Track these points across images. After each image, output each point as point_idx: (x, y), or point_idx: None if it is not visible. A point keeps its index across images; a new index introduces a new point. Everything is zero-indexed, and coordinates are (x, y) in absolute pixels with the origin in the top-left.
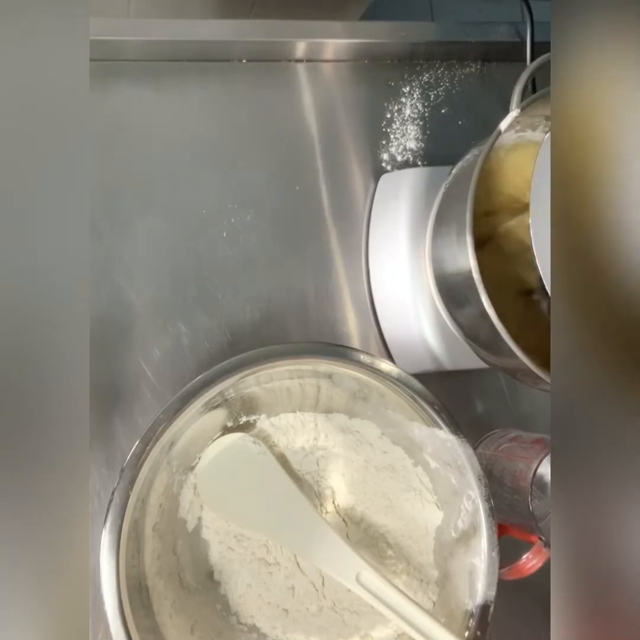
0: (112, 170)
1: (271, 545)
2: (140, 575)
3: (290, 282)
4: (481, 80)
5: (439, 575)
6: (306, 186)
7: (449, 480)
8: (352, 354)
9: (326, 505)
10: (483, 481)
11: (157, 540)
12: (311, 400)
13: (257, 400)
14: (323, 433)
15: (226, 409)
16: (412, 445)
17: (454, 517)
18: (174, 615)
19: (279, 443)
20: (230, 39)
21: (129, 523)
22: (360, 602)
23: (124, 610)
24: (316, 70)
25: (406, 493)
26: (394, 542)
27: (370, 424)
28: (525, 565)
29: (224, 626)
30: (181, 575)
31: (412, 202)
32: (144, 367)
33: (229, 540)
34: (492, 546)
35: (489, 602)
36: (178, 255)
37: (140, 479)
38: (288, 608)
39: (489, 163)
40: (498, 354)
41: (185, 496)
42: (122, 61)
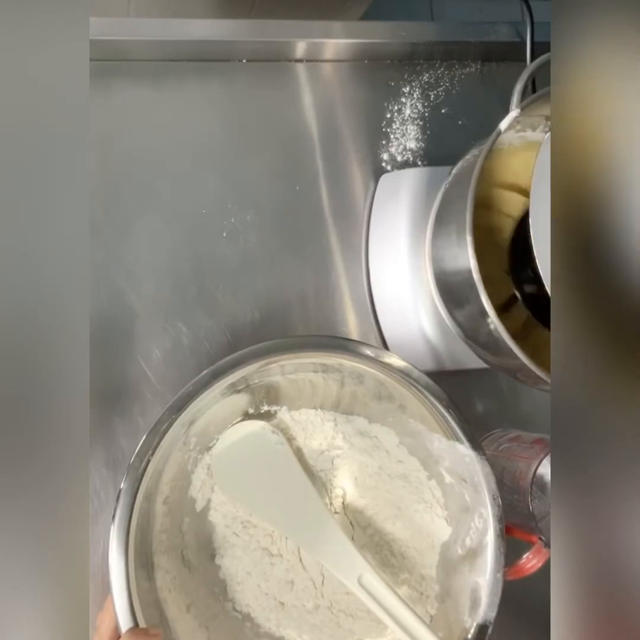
0: (112, 170)
1: (276, 536)
2: (147, 551)
3: (290, 282)
4: (481, 80)
5: (440, 590)
6: (306, 186)
7: (462, 496)
8: (379, 354)
9: (335, 505)
10: (497, 501)
11: (165, 514)
12: (333, 400)
13: (280, 391)
14: (341, 433)
15: (249, 395)
16: (429, 457)
17: (463, 534)
18: (172, 590)
19: (297, 437)
20: (230, 39)
21: (143, 491)
22: (357, 607)
23: (130, 584)
24: (316, 70)
25: (417, 504)
26: (398, 551)
27: (390, 431)
28: (525, 565)
29: (219, 610)
30: (184, 553)
31: (412, 202)
32: (144, 367)
33: (235, 526)
34: (498, 567)
35: (489, 623)
36: (178, 255)
37: (161, 448)
38: (285, 602)
39: (489, 163)
40: (498, 354)
41: (198, 475)
42: (122, 61)
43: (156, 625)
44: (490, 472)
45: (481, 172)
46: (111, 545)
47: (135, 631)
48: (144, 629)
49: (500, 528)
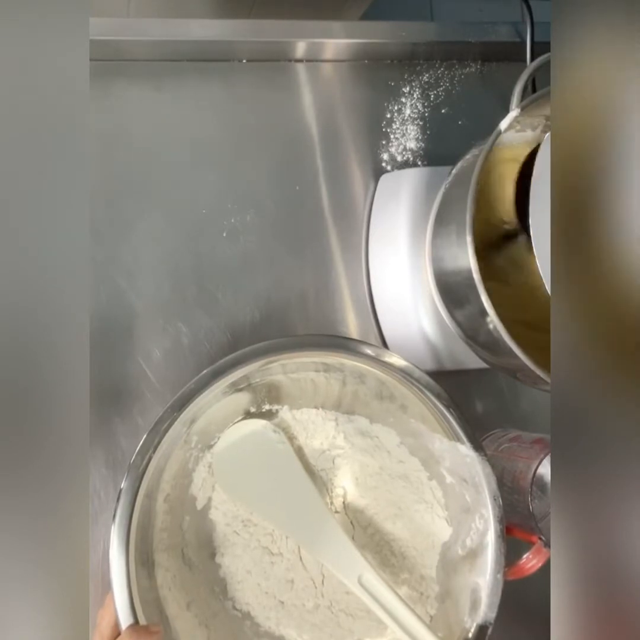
0: (112, 170)
1: (277, 535)
2: (148, 549)
3: (290, 282)
4: (481, 80)
5: (440, 590)
6: (306, 186)
7: (463, 496)
8: (380, 354)
9: (336, 505)
10: (498, 502)
11: (166, 513)
12: (335, 399)
13: (281, 390)
14: (342, 433)
15: (251, 393)
16: (430, 457)
17: (463, 534)
18: (172, 588)
19: (298, 436)
20: (230, 39)
21: (145, 489)
22: (357, 606)
23: (130, 582)
24: (316, 70)
25: (417, 505)
26: (398, 551)
27: (391, 431)
28: (525, 565)
29: (219, 609)
30: (184, 551)
31: (412, 202)
32: (144, 367)
33: (235, 524)
34: (498, 568)
35: (488, 624)
36: (178, 255)
37: (162, 446)
38: (284, 601)
39: (489, 163)
40: (498, 354)
41: (199, 473)
42: (122, 61)
43: (156, 623)
44: (491, 472)
45: (481, 172)
46: (112, 543)
47: (135, 628)
48: (144, 626)
49: (501, 529)
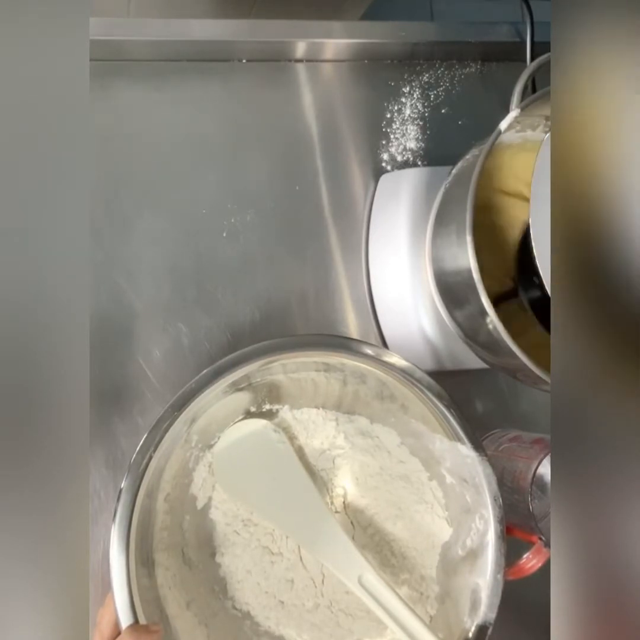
0: (112, 170)
1: (277, 534)
2: (148, 548)
3: (291, 282)
4: (481, 80)
5: (440, 590)
6: (306, 186)
7: (463, 497)
8: (381, 354)
9: (336, 505)
10: (498, 502)
11: (166, 512)
12: (335, 399)
13: (282, 390)
14: (343, 433)
15: (251, 393)
16: (430, 458)
17: (463, 535)
18: (172, 588)
19: (299, 436)
20: (230, 39)
21: (145, 488)
22: (357, 606)
23: (130, 581)
24: (316, 70)
25: (417, 505)
26: (398, 552)
27: (391, 431)
28: (526, 565)
29: (219, 608)
30: (184, 551)
31: (412, 202)
32: (144, 367)
33: (235, 524)
34: (498, 568)
35: (488, 624)
36: (178, 255)
37: (163, 446)
38: (284, 600)
39: (489, 163)
40: (498, 354)
41: (199, 473)
42: (122, 61)
43: (156, 623)
44: (492, 473)
45: (481, 172)
46: (112, 542)
47: (135, 627)
48: (144, 625)
49: (501, 529)
